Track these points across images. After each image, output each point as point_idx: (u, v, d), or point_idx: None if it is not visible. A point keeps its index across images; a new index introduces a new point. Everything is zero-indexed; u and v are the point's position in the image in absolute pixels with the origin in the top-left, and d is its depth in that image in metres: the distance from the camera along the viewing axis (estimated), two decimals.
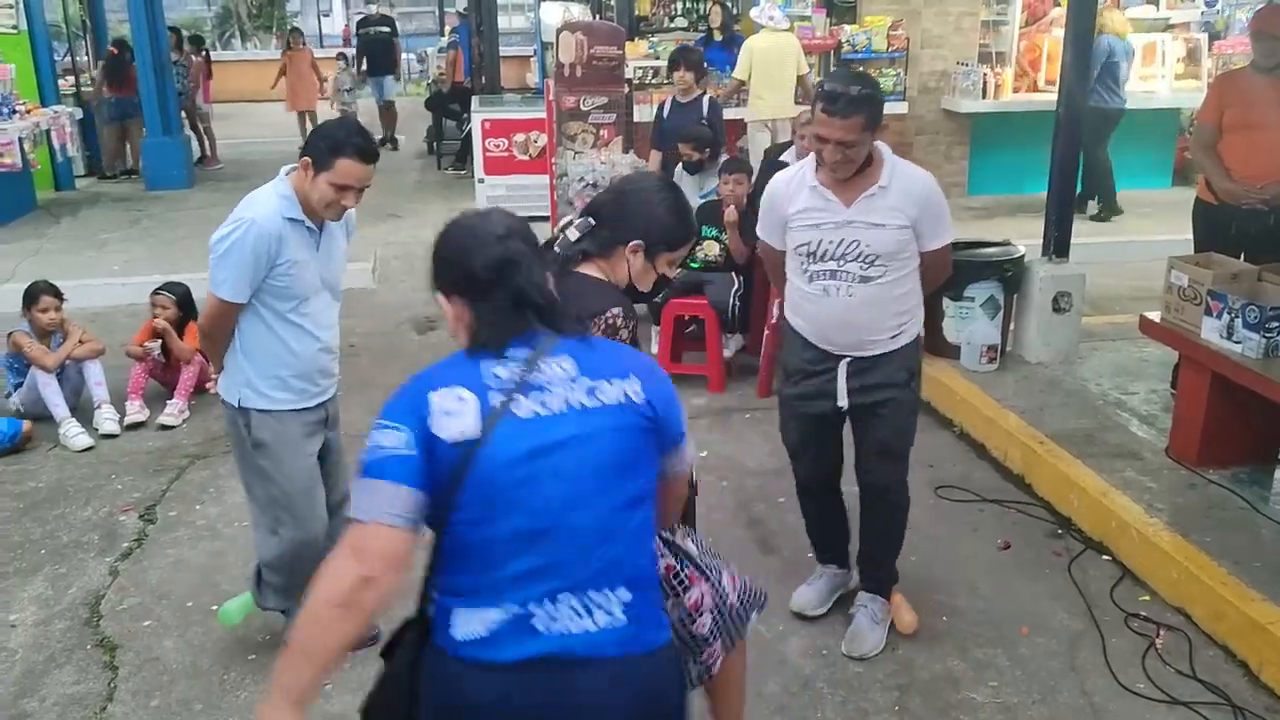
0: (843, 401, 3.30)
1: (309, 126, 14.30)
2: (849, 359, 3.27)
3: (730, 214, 5.55)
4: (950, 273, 3.47)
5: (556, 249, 2.36)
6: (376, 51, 14.66)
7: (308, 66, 14.35)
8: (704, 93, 7.38)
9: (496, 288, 1.79)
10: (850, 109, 2.96)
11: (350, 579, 1.66)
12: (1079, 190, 9.20)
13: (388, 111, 14.71)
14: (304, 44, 15.01)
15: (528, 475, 1.69)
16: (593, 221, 2.36)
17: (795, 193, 3.25)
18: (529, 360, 1.75)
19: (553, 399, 1.73)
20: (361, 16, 16.19)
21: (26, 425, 5.11)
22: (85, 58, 13.51)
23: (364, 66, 14.76)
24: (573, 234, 2.35)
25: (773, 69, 8.26)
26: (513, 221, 1.90)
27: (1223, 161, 4.90)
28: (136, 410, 5.31)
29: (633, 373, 1.81)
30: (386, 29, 14.90)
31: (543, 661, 1.67)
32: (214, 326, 3.15)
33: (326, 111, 14.50)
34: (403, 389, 1.77)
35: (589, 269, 2.37)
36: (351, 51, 15.69)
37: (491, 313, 1.79)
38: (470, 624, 1.70)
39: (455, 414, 1.69)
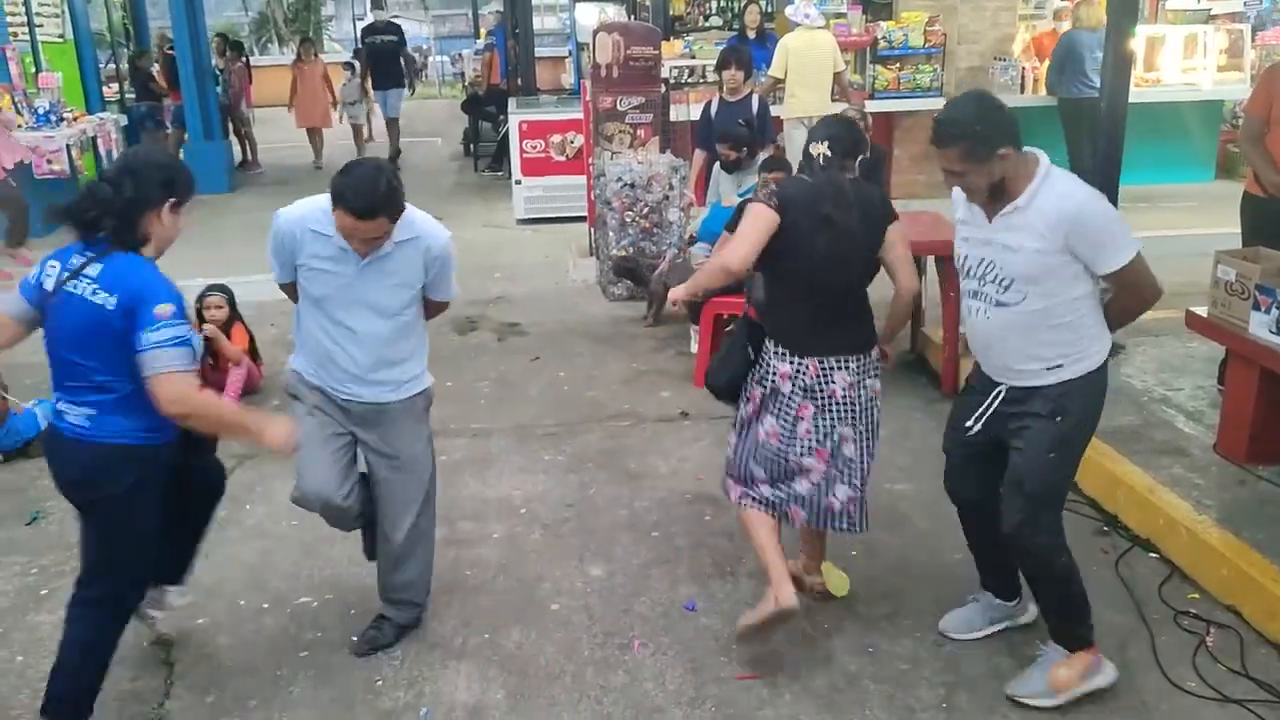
0: (972, 425, 3.14)
1: (320, 144, 13.50)
2: (1005, 386, 3.07)
3: None
4: (1151, 297, 3.03)
5: (854, 167, 3.30)
6: (383, 61, 13.35)
7: (319, 80, 13.36)
8: (751, 91, 7.38)
9: (74, 205, 2.82)
10: (943, 141, 2.84)
11: None
12: None
13: (392, 126, 13.51)
14: (315, 55, 13.92)
15: (53, 327, 2.85)
16: (830, 146, 3.25)
17: (960, 200, 3.09)
18: (89, 259, 2.81)
19: (80, 287, 2.79)
20: (367, 24, 14.96)
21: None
22: (128, 65, 13.71)
23: (368, 79, 13.49)
24: (826, 153, 3.25)
25: (809, 67, 8.23)
26: (132, 164, 2.88)
27: (1271, 154, 4.84)
28: None
29: (116, 291, 2.76)
30: (394, 37, 13.58)
31: (55, 433, 2.94)
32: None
33: (337, 124, 13.97)
34: (52, 254, 2.89)
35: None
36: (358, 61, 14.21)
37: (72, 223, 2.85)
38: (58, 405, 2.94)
39: (48, 276, 2.85)
